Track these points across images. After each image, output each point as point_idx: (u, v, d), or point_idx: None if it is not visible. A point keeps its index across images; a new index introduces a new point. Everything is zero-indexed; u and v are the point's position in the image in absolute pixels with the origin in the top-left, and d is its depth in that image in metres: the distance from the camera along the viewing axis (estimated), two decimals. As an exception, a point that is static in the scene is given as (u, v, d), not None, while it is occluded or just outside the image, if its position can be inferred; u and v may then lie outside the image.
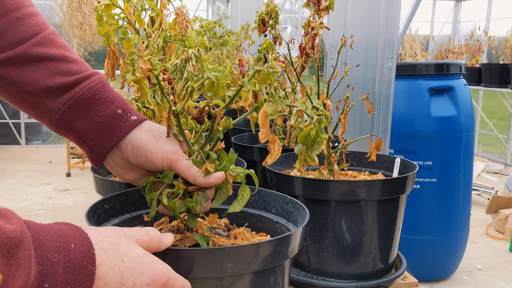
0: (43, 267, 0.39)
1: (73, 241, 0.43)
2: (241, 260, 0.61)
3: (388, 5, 1.78)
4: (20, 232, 0.37)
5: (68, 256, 0.42)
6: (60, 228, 0.44)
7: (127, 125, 0.66)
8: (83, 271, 0.43)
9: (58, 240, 0.42)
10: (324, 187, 1.01)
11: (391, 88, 1.82)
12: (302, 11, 7.03)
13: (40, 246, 0.40)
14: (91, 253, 0.44)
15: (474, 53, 6.17)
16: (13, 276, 0.35)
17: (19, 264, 0.36)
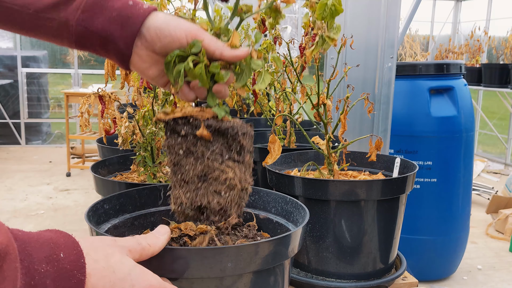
0: (30, 279, 0.39)
1: (63, 250, 0.43)
2: (241, 260, 0.61)
3: (388, 6, 1.78)
4: (5, 244, 0.36)
5: (57, 266, 0.41)
6: (50, 236, 0.43)
7: (142, 12, 0.65)
8: (73, 281, 0.42)
9: (47, 250, 0.41)
10: (324, 187, 1.01)
11: (391, 88, 1.82)
12: (302, 11, 7.03)
13: (27, 257, 0.39)
14: (81, 262, 0.43)
15: (474, 53, 6.17)
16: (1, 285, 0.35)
17: (5, 276, 0.35)
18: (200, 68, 0.62)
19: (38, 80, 6.64)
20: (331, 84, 1.18)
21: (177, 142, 0.64)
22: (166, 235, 0.60)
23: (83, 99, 1.22)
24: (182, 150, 0.63)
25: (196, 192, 0.63)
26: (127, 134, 1.23)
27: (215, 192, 0.63)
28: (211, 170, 0.63)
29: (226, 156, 0.64)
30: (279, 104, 1.66)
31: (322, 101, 1.14)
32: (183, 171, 0.63)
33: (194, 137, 0.63)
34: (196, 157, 0.63)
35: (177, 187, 0.64)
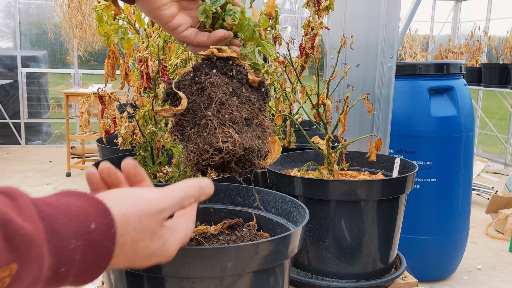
0: (59, 256, 0.39)
1: (94, 220, 0.42)
2: (241, 260, 0.61)
3: (388, 5, 1.78)
4: (31, 229, 0.36)
5: (87, 238, 0.41)
6: (81, 207, 0.42)
7: None
8: (102, 251, 0.42)
9: (77, 224, 0.41)
10: (324, 187, 1.01)
11: (391, 88, 1.82)
12: (302, 11, 7.03)
13: (56, 236, 0.39)
14: (111, 232, 0.43)
15: (474, 53, 6.17)
16: (27, 270, 0.36)
17: (32, 261, 0.36)
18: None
19: (38, 80, 6.64)
20: (331, 84, 1.18)
21: (224, 81, 0.64)
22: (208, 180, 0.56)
23: (83, 99, 1.22)
24: (229, 90, 0.64)
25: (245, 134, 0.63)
26: (127, 134, 1.23)
27: (258, 138, 0.64)
28: (254, 115, 0.64)
29: (262, 108, 0.66)
30: (279, 104, 1.66)
31: (322, 101, 1.14)
32: (230, 111, 0.62)
33: (239, 81, 0.65)
34: (241, 101, 0.64)
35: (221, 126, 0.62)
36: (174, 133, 0.65)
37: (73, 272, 0.41)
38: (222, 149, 0.61)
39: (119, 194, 0.47)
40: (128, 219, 0.45)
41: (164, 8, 0.66)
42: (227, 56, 0.66)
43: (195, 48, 0.68)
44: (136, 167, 0.53)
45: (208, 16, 0.66)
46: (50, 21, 6.26)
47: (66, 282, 0.41)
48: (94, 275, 0.43)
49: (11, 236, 0.35)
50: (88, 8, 5.43)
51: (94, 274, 0.43)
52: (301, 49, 1.14)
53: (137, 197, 0.47)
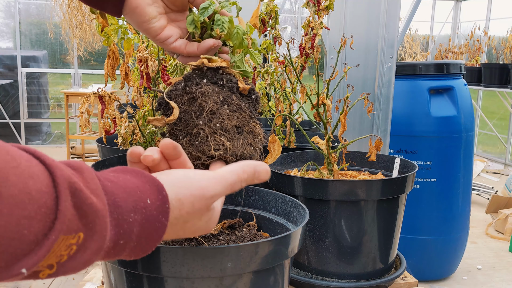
0: (119, 228, 0.41)
1: (149, 196, 0.44)
2: (240, 260, 0.61)
3: (388, 5, 1.78)
4: (96, 200, 0.38)
5: (144, 213, 0.43)
6: (136, 184, 0.44)
7: None
8: (157, 225, 0.44)
9: (134, 199, 0.43)
10: (324, 187, 1.01)
11: (391, 88, 1.82)
12: (302, 11, 7.03)
13: (117, 209, 0.41)
14: (165, 207, 0.45)
15: (474, 53, 6.17)
16: (91, 239, 0.37)
17: (96, 230, 0.38)
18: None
19: (38, 80, 6.64)
20: (331, 84, 1.18)
21: (215, 90, 0.65)
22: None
23: (83, 99, 1.22)
24: (219, 99, 0.65)
25: (236, 141, 0.64)
26: (127, 134, 1.23)
27: (250, 145, 0.65)
28: (245, 123, 0.65)
29: (253, 115, 0.67)
30: (279, 104, 1.66)
31: (322, 101, 1.14)
32: (221, 120, 0.63)
33: (230, 89, 0.66)
34: (232, 109, 0.65)
35: (212, 134, 0.63)
36: None
37: (130, 244, 0.43)
38: (214, 156, 0.62)
39: (174, 178, 0.49)
40: (182, 203, 0.47)
41: (153, 21, 0.66)
42: (218, 66, 0.66)
43: (185, 59, 0.69)
44: (176, 148, 0.54)
45: (197, 26, 0.67)
46: (50, 21, 6.26)
47: (123, 255, 0.44)
48: (148, 249, 0.45)
49: (80, 205, 0.36)
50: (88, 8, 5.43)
51: (148, 247, 0.45)
52: (301, 49, 1.14)
53: (191, 183, 0.49)
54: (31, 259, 0.33)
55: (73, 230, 0.35)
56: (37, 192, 0.33)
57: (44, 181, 0.34)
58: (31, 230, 0.32)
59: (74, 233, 0.36)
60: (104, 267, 0.73)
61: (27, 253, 0.32)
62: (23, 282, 2.77)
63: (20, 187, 0.32)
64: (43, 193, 0.33)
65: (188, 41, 0.69)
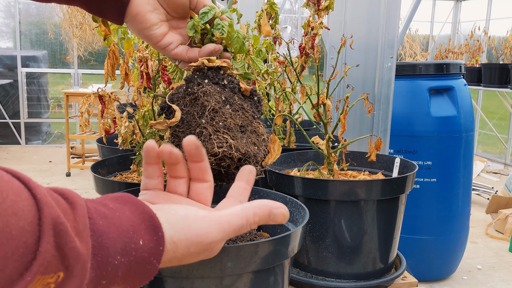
0: (102, 270, 0.40)
1: (142, 237, 0.42)
2: (240, 260, 0.61)
3: (388, 5, 1.78)
4: (79, 244, 0.37)
5: (134, 255, 0.41)
6: (132, 222, 0.42)
7: None
8: (147, 267, 0.43)
9: (124, 240, 0.41)
10: (324, 187, 1.01)
11: (391, 88, 1.82)
12: (302, 11, 7.03)
13: (102, 251, 0.39)
14: (159, 249, 0.43)
15: (474, 53, 6.17)
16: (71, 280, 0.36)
17: (75, 275, 0.37)
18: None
19: (38, 80, 6.64)
20: (331, 84, 1.18)
21: (217, 90, 0.65)
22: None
23: (83, 99, 1.22)
24: (222, 99, 0.65)
25: (240, 140, 0.64)
26: (127, 134, 1.23)
27: (253, 144, 0.65)
28: (248, 123, 0.66)
29: (255, 115, 0.68)
30: (279, 104, 1.66)
31: (322, 101, 1.14)
32: (224, 119, 0.63)
33: (231, 90, 0.67)
34: (234, 109, 0.65)
35: (215, 133, 0.63)
36: None
37: (114, 286, 0.41)
38: (218, 153, 0.62)
39: (173, 218, 0.47)
40: (177, 247, 0.45)
41: (155, 28, 0.67)
42: (218, 66, 0.67)
43: (187, 65, 0.69)
44: (199, 147, 0.53)
45: (197, 31, 0.67)
46: (50, 21, 6.26)
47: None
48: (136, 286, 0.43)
49: (62, 246, 0.35)
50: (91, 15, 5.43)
51: (137, 284, 0.43)
52: (301, 49, 1.14)
53: (189, 226, 0.46)
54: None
55: (52, 270, 0.34)
56: (18, 230, 0.32)
57: (28, 218, 0.33)
58: (5, 271, 0.31)
59: (53, 273, 0.35)
60: (104, 267, 0.73)
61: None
62: (23, 282, 2.77)
63: (0, 226, 0.31)
64: (25, 232, 0.32)
65: (189, 47, 0.69)
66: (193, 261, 0.49)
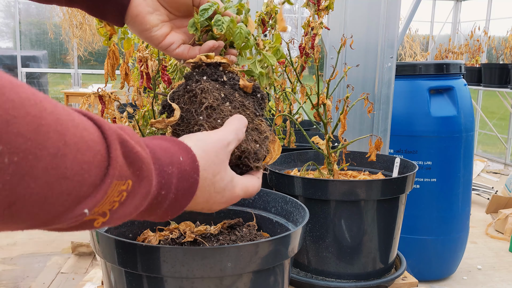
0: (161, 178, 0.45)
1: (181, 154, 0.49)
2: (240, 260, 0.61)
3: (388, 5, 1.78)
4: (141, 149, 0.42)
5: (179, 167, 0.48)
6: (168, 145, 0.49)
7: None
8: (190, 180, 0.49)
9: (170, 155, 0.47)
10: (324, 187, 1.01)
11: (391, 88, 1.82)
12: (302, 11, 7.03)
13: (157, 161, 0.45)
14: (195, 164, 0.50)
15: (474, 53, 6.17)
16: (139, 185, 0.41)
17: (144, 176, 0.42)
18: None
19: (38, 80, 6.64)
20: (331, 84, 1.18)
21: (216, 87, 0.64)
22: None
23: (83, 99, 1.22)
24: (221, 96, 0.64)
25: None
26: (127, 134, 1.22)
27: (255, 141, 0.65)
28: (249, 120, 0.65)
29: (257, 112, 0.68)
30: (279, 104, 1.66)
31: (322, 101, 1.14)
32: (222, 116, 0.63)
33: (232, 87, 0.66)
34: (234, 106, 0.65)
35: (212, 129, 0.63)
36: None
37: (170, 196, 0.47)
38: None
39: (197, 137, 0.55)
40: (208, 155, 0.53)
41: (155, 30, 0.67)
42: (217, 62, 0.66)
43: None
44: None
45: (197, 28, 0.66)
46: (50, 21, 6.25)
47: (163, 207, 0.47)
48: (183, 205, 0.50)
49: (128, 153, 0.40)
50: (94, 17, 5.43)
51: (183, 203, 0.49)
52: (301, 49, 1.14)
53: (211, 137, 0.55)
54: (91, 200, 0.36)
55: (124, 176, 0.39)
56: (92, 141, 0.36)
57: (95, 133, 0.37)
58: (90, 173, 0.36)
59: (125, 179, 0.39)
60: (104, 267, 0.73)
61: (88, 195, 0.36)
62: (23, 282, 2.77)
63: (79, 136, 0.35)
64: (97, 143, 0.37)
65: (191, 46, 0.69)
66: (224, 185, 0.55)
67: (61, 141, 0.33)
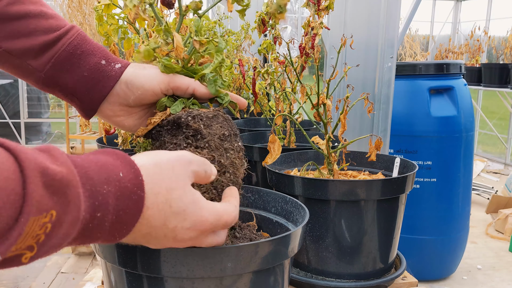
0: (94, 200, 0.42)
1: (121, 170, 0.45)
2: (240, 260, 0.61)
3: (388, 5, 1.78)
4: (66, 172, 0.39)
5: (118, 185, 0.44)
6: (107, 160, 0.45)
7: (114, 74, 0.66)
8: (133, 197, 0.45)
9: (106, 172, 0.43)
10: (324, 187, 1.01)
11: (391, 88, 1.82)
12: (302, 11, 7.03)
13: (89, 180, 0.42)
14: (139, 179, 0.46)
15: (474, 53, 6.17)
16: (65, 213, 0.38)
17: (69, 201, 0.38)
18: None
19: (38, 80, 6.63)
20: (331, 84, 1.18)
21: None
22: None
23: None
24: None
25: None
26: (127, 134, 1.23)
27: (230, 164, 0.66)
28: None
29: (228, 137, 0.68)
30: (279, 104, 1.66)
31: (322, 101, 1.14)
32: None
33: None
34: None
35: None
36: None
37: (109, 217, 0.43)
38: None
39: (155, 152, 0.52)
40: (161, 167, 0.48)
41: (135, 129, 0.70)
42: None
43: None
44: None
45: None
46: (50, 21, 6.23)
47: (104, 231, 0.44)
48: (129, 224, 0.45)
49: (50, 182, 0.37)
50: (88, 8, 5.43)
51: (129, 222, 0.45)
52: (301, 49, 1.14)
53: (170, 153, 0.52)
54: (4, 243, 0.33)
55: (43, 209, 0.36)
56: (4, 180, 0.33)
57: (10, 168, 0.34)
58: (1, 219, 0.33)
59: (45, 212, 0.36)
60: (104, 267, 0.73)
61: (0, 237, 0.33)
62: (23, 282, 2.77)
63: None
64: (11, 180, 0.34)
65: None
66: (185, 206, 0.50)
67: None
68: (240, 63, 1.32)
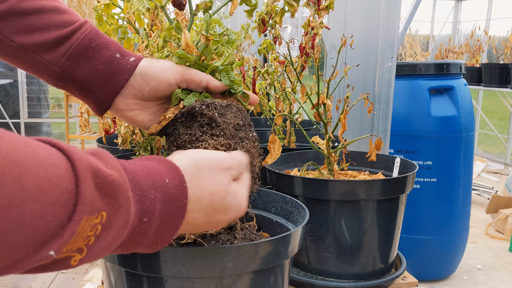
0: (142, 205, 0.43)
1: (167, 176, 0.46)
2: (240, 260, 0.61)
3: (388, 5, 1.78)
4: (117, 176, 0.39)
5: (164, 191, 0.45)
6: (152, 165, 0.46)
7: (129, 67, 0.66)
8: (177, 204, 0.46)
9: (153, 178, 0.45)
10: (324, 187, 1.01)
11: (391, 88, 1.82)
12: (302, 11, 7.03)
13: (138, 185, 0.43)
14: (183, 186, 0.47)
15: (474, 53, 6.17)
16: (115, 215, 0.39)
17: (120, 205, 0.39)
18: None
19: (38, 80, 6.64)
20: (331, 84, 1.18)
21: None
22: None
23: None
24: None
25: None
26: (126, 134, 1.22)
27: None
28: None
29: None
30: (279, 104, 1.66)
31: (322, 101, 1.14)
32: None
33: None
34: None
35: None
36: None
37: (155, 222, 0.44)
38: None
39: (189, 153, 0.52)
40: (203, 172, 0.50)
41: (148, 125, 0.70)
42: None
43: None
44: None
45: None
46: (50, 21, 6.23)
47: (149, 236, 0.45)
48: (172, 230, 0.47)
49: (101, 183, 0.37)
50: (88, 8, 5.43)
51: (173, 227, 0.47)
52: (301, 48, 1.14)
53: (207, 155, 0.53)
54: (57, 241, 0.34)
55: (96, 210, 0.37)
56: (58, 178, 0.34)
57: (63, 167, 0.35)
58: (55, 215, 0.33)
59: (97, 213, 0.37)
60: (104, 267, 0.73)
61: (53, 236, 0.34)
62: (23, 282, 2.77)
63: (41, 176, 0.33)
64: (64, 179, 0.34)
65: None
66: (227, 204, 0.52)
67: (17, 188, 0.31)
68: (240, 63, 1.31)
